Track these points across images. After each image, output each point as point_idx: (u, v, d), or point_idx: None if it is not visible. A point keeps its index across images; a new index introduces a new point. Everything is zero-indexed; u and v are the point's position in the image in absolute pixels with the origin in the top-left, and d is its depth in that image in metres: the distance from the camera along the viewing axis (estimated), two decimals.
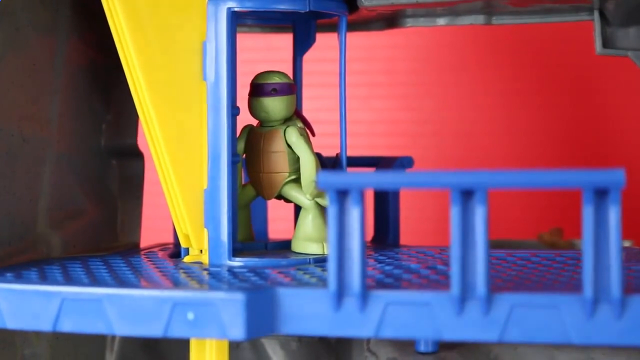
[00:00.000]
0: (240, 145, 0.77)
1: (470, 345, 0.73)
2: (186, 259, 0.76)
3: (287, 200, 0.78)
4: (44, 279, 0.67)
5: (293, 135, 0.75)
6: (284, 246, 0.79)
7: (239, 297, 0.61)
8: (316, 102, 1.06)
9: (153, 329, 0.62)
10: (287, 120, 0.77)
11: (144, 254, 0.80)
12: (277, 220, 0.92)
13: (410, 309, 0.61)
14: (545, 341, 0.59)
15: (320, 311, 0.62)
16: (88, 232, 0.82)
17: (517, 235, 1.07)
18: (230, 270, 0.71)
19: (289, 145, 0.76)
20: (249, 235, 0.80)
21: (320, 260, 0.74)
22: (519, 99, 1.15)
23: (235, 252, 0.74)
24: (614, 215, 0.58)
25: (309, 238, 0.76)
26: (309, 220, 0.76)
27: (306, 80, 0.84)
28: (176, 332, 0.62)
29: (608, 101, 1.13)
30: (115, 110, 0.86)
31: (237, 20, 0.75)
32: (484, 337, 0.60)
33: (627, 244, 0.92)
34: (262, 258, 0.74)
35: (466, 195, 0.60)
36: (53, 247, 0.79)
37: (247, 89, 0.77)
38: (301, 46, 0.83)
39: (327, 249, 0.72)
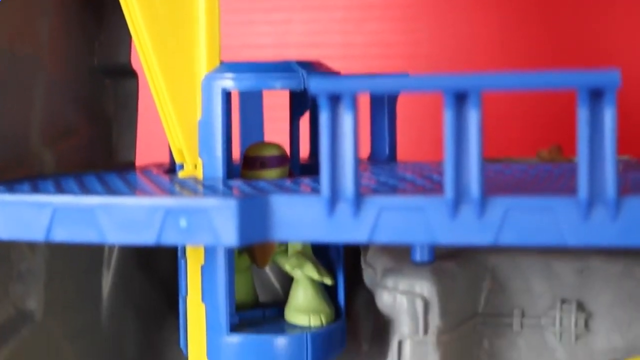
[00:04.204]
0: None
1: (467, 255, 0.73)
2: (181, 174, 0.75)
3: None
4: (36, 191, 0.67)
5: None
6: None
7: (231, 203, 0.60)
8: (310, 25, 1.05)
9: (145, 237, 0.62)
10: None
11: (139, 171, 0.80)
12: None
13: (404, 213, 0.60)
14: (540, 244, 0.59)
15: (313, 217, 0.61)
16: (82, 151, 0.82)
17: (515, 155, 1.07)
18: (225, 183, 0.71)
19: None
20: (251, 300, 0.80)
21: None
22: (517, 15, 1.13)
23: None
24: (609, 117, 0.58)
25: (299, 309, 0.75)
26: (300, 291, 0.76)
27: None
28: (169, 239, 0.62)
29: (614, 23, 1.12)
30: (107, 29, 0.85)
31: None
32: (478, 241, 0.60)
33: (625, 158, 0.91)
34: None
35: (460, 99, 0.59)
36: (46, 164, 0.78)
37: None
38: (297, 110, 0.82)
39: (315, 321, 0.74)
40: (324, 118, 0.60)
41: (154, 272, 0.89)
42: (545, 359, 0.72)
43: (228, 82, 0.72)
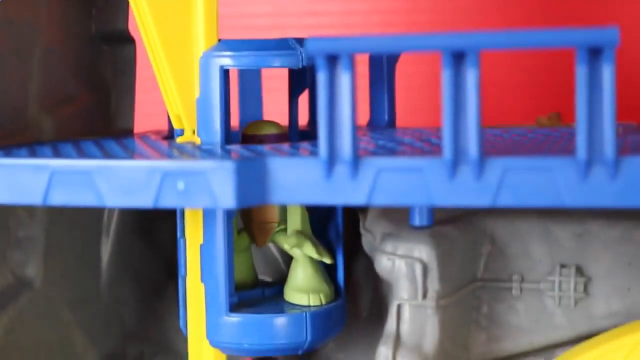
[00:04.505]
0: None
1: (466, 220, 0.73)
2: (179, 140, 0.75)
3: None
4: (34, 156, 0.66)
5: None
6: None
7: (229, 165, 0.60)
8: None
9: (143, 200, 0.62)
10: None
11: (137, 137, 0.80)
12: None
13: (402, 175, 0.60)
14: (539, 205, 0.59)
15: (311, 179, 0.61)
16: (80, 117, 0.82)
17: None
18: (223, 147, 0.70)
19: None
20: (250, 279, 0.79)
21: None
22: None
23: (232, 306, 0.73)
24: (608, 75, 0.57)
25: (299, 289, 0.75)
26: (299, 270, 0.75)
27: None
28: (166, 202, 0.61)
29: None
30: None
31: None
32: (476, 203, 0.59)
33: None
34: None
35: (458, 58, 0.59)
36: (45, 131, 0.78)
37: None
38: (296, 88, 0.81)
39: (314, 300, 0.73)
40: (321, 78, 0.60)
41: (154, 240, 0.89)
42: (544, 324, 0.72)
43: (226, 60, 0.71)
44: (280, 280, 0.78)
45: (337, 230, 0.77)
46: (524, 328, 0.73)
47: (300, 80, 0.79)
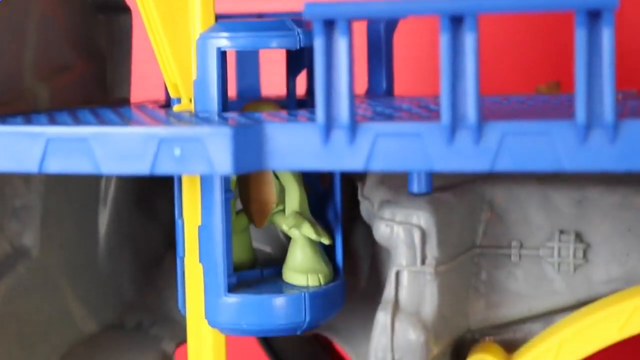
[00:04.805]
0: (233, 176, 0.75)
1: (464, 186, 0.72)
2: (176, 108, 0.75)
3: None
4: (29, 123, 0.66)
5: None
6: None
7: (226, 131, 0.60)
8: None
9: (140, 167, 0.61)
10: None
11: (134, 106, 0.79)
12: None
13: (400, 140, 0.60)
14: (537, 169, 0.58)
15: (308, 145, 0.61)
16: (76, 87, 0.81)
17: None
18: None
19: (276, 176, 0.74)
20: (249, 259, 0.79)
21: None
22: None
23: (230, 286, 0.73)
24: (607, 38, 0.57)
25: (297, 269, 0.75)
26: (298, 251, 0.75)
27: None
28: (163, 168, 0.61)
29: None
30: None
31: None
32: (475, 167, 0.59)
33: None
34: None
35: (456, 22, 0.58)
36: (40, 101, 0.77)
37: None
38: (294, 69, 0.81)
39: (313, 281, 0.73)
40: (318, 44, 0.59)
41: (152, 210, 0.88)
42: (543, 290, 0.72)
43: (223, 41, 0.71)
44: (279, 260, 0.78)
45: (336, 211, 0.76)
46: (523, 294, 0.72)
47: (298, 60, 0.78)
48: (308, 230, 0.73)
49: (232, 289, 0.72)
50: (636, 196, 0.71)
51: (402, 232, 0.69)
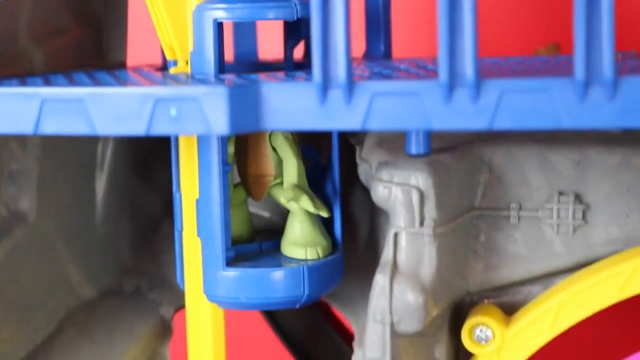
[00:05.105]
0: (230, 148, 0.75)
1: (463, 147, 0.72)
2: (172, 70, 0.74)
3: None
4: (24, 85, 0.65)
5: (278, 138, 0.73)
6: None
7: (221, 90, 0.59)
8: None
9: (135, 127, 0.61)
10: None
11: (130, 70, 0.79)
12: None
13: (398, 98, 0.59)
14: (536, 127, 0.58)
15: (305, 105, 0.60)
16: (72, 50, 0.81)
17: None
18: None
19: (274, 149, 0.74)
20: (247, 233, 0.78)
21: None
22: None
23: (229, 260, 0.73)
24: None
25: (296, 243, 0.74)
26: (296, 224, 0.75)
27: None
28: (159, 129, 0.61)
29: None
30: None
31: None
32: (473, 126, 0.59)
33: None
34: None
35: None
36: (36, 64, 0.77)
37: None
38: (291, 40, 0.80)
39: (312, 254, 0.73)
40: (315, 1, 0.59)
41: (150, 175, 0.88)
42: (542, 252, 0.72)
43: (219, 12, 0.70)
44: (274, 236, 0.78)
45: (334, 184, 0.76)
46: (522, 256, 0.72)
47: (295, 31, 0.78)
48: (306, 203, 0.73)
49: (230, 262, 0.72)
50: (636, 156, 0.70)
51: (400, 194, 0.68)
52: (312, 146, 0.79)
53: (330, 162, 0.76)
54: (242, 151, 0.75)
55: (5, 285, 0.75)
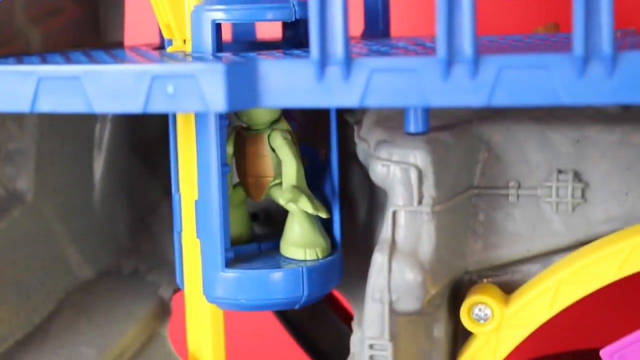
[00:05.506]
0: (229, 149, 0.75)
1: (462, 126, 0.72)
2: (169, 49, 0.74)
3: None
4: (21, 63, 0.65)
5: (277, 139, 0.73)
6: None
7: (219, 67, 0.59)
8: None
9: (132, 105, 0.61)
10: (273, 123, 0.74)
11: (127, 49, 0.78)
12: None
13: (396, 75, 0.59)
14: (535, 103, 0.57)
15: (303, 82, 0.60)
16: (69, 29, 0.80)
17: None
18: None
19: (273, 150, 0.74)
20: (246, 233, 0.78)
21: None
22: None
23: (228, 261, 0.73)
24: None
25: (295, 243, 0.74)
26: (295, 225, 0.74)
27: None
28: (156, 106, 0.60)
29: None
30: None
31: None
32: (471, 102, 0.58)
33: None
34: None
35: None
36: (32, 44, 0.77)
37: None
38: (290, 42, 0.78)
39: (311, 255, 0.73)
40: None
41: (148, 156, 0.88)
42: (541, 230, 0.72)
43: (218, 14, 0.70)
44: (273, 236, 0.78)
45: (333, 184, 0.76)
46: (521, 235, 0.72)
47: (294, 32, 0.77)
48: (305, 205, 0.73)
49: (229, 263, 0.72)
50: (635, 134, 0.70)
51: (398, 172, 0.68)
52: (310, 145, 0.79)
53: (329, 162, 0.76)
54: (241, 152, 0.75)
55: (3, 265, 0.75)
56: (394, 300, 0.68)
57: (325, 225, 0.76)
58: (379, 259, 0.68)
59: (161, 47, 0.79)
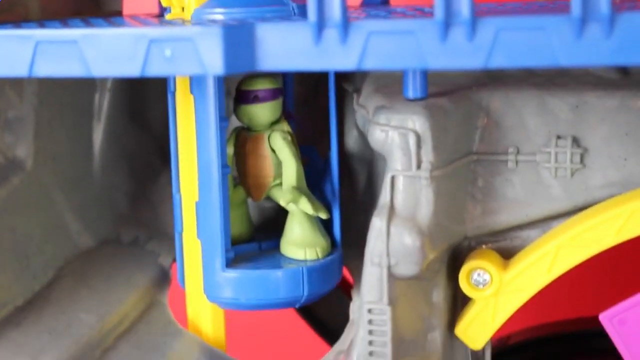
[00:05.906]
0: (230, 149, 0.75)
1: (460, 92, 0.71)
2: (168, 17, 0.74)
3: None
4: (18, 28, 0.65)
5: (277, 140, 0.74)
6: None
7: (216, 31, 0.59)
8: None
9: (130, 68, 0.61)
10: (273, 124, 0.75)
11: (126, 17, 0.78)
12: None
13: (393, 38, 0.59)
14: (533, 65, 0.57)
15: (300, 45, 0.60)
16: None
17: None
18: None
19: (273, 150, 0.74)
20: (247, 232, 0.78)
21: None
22: None
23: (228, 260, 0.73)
24: None
25: (295, 243, 0.74)
26: (295, 225, 0.75)
27: None
28: (154, 69, 0.60)
29: None
30: None
31: None
32: (469, 64, 0.58)
33: None
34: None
35: None
36: (31, 10, 0.76)
37: None
38: None
39: (311, 255, 0.73)
40: None
41: (147, 125, 0.88)
42: (540, 196, 0.72)
43: (218, 17, 0.70)
44: (274, 236, 0.78)
45: (333, 184, 0.76)
46: (520, 200, 0.72)
47: None
48: (305, 205, 0.73)
49: (230, 263, 0.72)
50: (634, 100, 0.70)
51: (397, 137, 0.68)
52: (310, 144, 0.79)
53: (329, 162, 0.76)
54: (241, 152, 0.75)
55: (3, 232, 0.75)
56: (392, 264, 0.68)
57: (325, 225, 0.76)
58: (377, 223, 0.68)
59: (160, 15, 0.78)
